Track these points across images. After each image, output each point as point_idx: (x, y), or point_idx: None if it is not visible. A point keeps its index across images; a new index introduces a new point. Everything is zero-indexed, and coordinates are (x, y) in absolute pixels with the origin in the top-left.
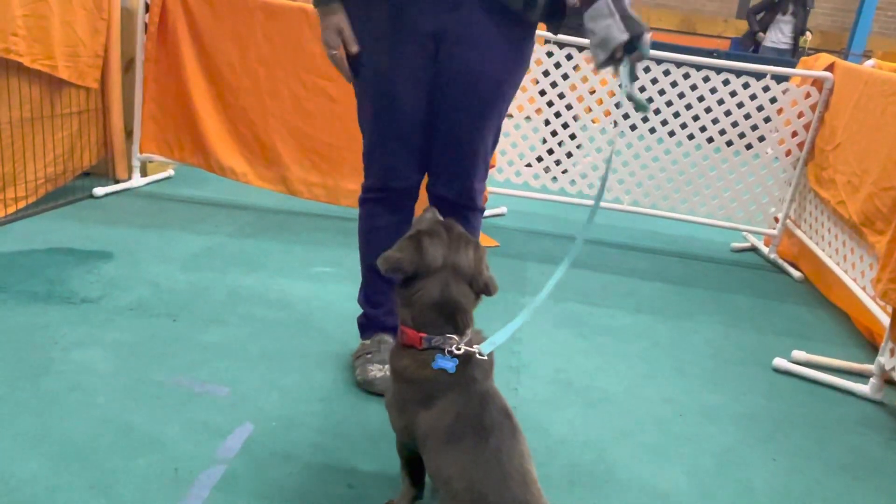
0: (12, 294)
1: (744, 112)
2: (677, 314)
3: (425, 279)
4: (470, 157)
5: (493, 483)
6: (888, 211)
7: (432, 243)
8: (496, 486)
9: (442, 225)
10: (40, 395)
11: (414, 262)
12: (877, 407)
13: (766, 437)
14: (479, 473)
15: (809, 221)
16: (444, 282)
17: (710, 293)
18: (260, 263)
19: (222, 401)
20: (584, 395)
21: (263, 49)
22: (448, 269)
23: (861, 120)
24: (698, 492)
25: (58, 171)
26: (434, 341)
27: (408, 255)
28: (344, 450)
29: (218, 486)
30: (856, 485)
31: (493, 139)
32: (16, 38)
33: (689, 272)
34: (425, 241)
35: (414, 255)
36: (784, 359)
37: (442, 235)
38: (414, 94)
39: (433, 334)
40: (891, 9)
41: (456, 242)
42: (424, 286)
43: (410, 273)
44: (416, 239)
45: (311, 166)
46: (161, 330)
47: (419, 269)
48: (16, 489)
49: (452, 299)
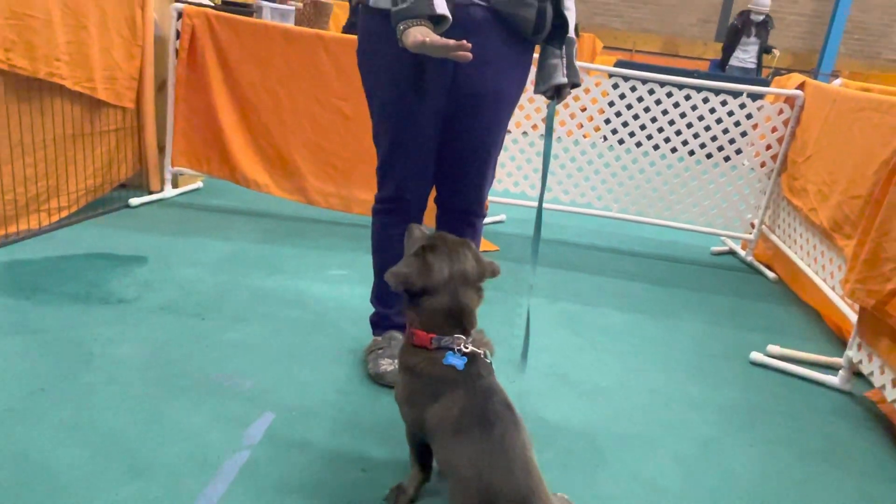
0: (56, 295)
1: (722, 127)
2: (663, 313)
3: (432, 290)
4: (482, 168)
5: (498, 470)
6: (855, 217)
7: (436, 257)
8: (501, 473)
9: (437, 238)
10: (80, 388)
11: (422, 277)
12: (846, 397)
13: (745, 425)
14: (485, 462)
15: (783, 227)
16: (452, 290)
17: (692, 293)
18: (280, 267)
19: (246, 392)
20: (577, 387)
21: (283, 71)
22: (456, 279)
23: (830, 134)
24: (682, 476)
25: (97, 184)
26: (444, 342)
27: (415, 271)
28: (357, 437)
29: (242, 471)
30: (828, 468)
31: (499, 150)
32: (59, 63)
33: (673, 274)
34: (430, 257)
35: (421, 269)
36: (760, 353)
37: (442, 247)
38: (431, 114)
39: (442, 335)
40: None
41: (455, 251)
42: (435, 296)
43: (419, 288)
44: (421, 255)
45: (326, 178)
46: (190, 328)
47: (427, 284)
48: (58, 474)
49: (461, 304)
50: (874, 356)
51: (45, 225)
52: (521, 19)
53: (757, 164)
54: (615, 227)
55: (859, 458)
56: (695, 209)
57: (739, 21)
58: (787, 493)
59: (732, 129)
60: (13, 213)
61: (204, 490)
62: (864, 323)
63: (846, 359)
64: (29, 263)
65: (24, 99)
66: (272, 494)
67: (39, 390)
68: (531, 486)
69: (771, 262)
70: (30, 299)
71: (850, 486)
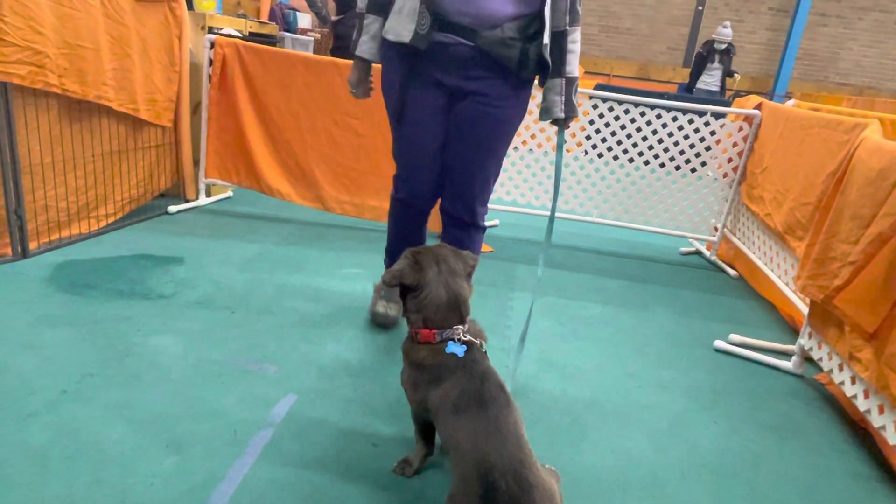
0: (103, 291)
1: (689, 142)
2: (637, 305)
3: (427, 285)
4: (475, 183)
5: (493, 444)
6: (806, 221)
7: (423, 257)
8: (495, 446)
9: (420, 247)
10: (125, 373)
11: (414, 272)
12: (798, 380)
13: (709, 404)
14: (481, 437)
15: (743, 230)
16: (445, 281)
17: (663, 288)
18: (301, 266)
19: (271, 377)
20: (561, 371)
21: (303, 94)
22: (444, 272)
23: (784, 148)
24: (654, 448)
25: (140, 193)
26: (445, 334)
27: (407, 267)
28: (368, 416)
29: (268, 446)
30: (782, 442)
31: (495, 170)
32: (106, 87)
33: (646, 271)
34: (418, 256)
35: (413, 266)
36: (723, 341)
37: (425, 251)
38: (437, 137)
39: (443, 329)
40: (807, 59)
41: (437, 252)
42: (429, 290)
43: (412, 283)
44: (411, 256)
45: (341, 187)
46: (222, 320)
47: (419, 279)
48: (106, 448)
49: (455, 293)
50: (823, 344)
51: (95, 229)
52: (505, 57)
53: (720, 175)
54: (595, 230)
55: (810, 433)
56: (665, 214)
57: (705, 49)
58: (746, 464)
59: (698, 144)
60: (66, 219)
61: (234, 462)
62: (815, 314)
63: (798, 346)
64: (80, 263)
65: (76, 119)
66: (294, 466)
67: (89, 375)
68: (521, 458)
69: (732, 261)
70: (81, 295)
71: (801, 458)
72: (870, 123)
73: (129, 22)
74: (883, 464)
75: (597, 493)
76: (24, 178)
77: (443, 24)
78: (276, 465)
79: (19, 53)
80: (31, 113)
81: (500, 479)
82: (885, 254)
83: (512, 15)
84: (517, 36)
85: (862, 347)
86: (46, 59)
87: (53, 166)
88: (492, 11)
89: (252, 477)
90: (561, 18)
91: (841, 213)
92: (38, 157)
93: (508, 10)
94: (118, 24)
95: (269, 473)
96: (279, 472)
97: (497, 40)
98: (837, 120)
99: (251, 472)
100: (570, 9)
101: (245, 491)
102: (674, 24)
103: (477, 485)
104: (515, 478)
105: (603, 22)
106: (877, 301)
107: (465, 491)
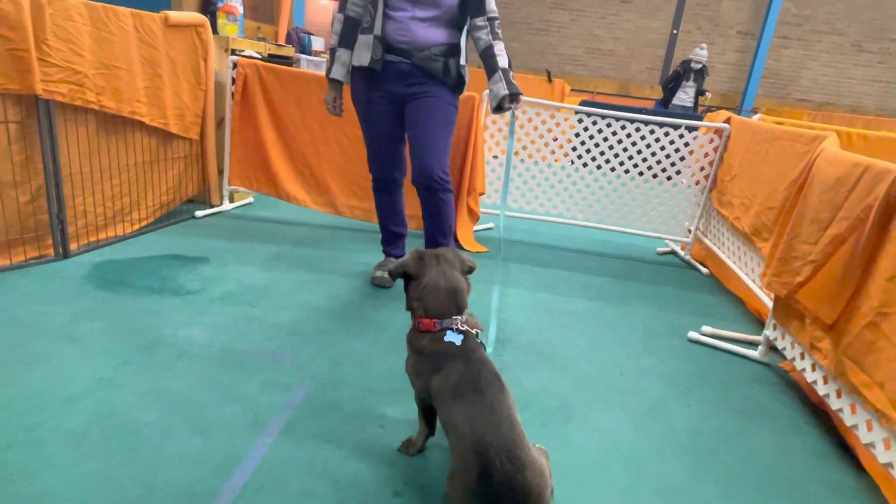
0: (136, 288)
1: (665, 153)
2: (619, 300)
3: (428, 275)
4: (430, 153)
5: (488, 426)
6: (771, 224)
7: (425, 253)
8: (491, 428)
9: (425, 249)
10: (156, 362)
11: (416, 263)
12: (764, 367)
13: (685, 389)
14: (478, 420)
15: (714, 232)
16: (442, 272)
17: (642, 285)
18: (315, 265)
19: (287, 365)
20: (551, 360)
21: (317, 110)
22: (442, 265)
23: (750, 158)
24: (634, 430)
25: (169, 199)
26: (444, 323)
27: (410, 260)
28: (376, 401)
29: (285, 428)
30: (749, 423)
31: (444, 144)
32: (139, 104)
33: (627, 270)
34: (421, 252)
35: (416, 259)
36: (696, 332)
37: (431, 251)
38: (391, 131)
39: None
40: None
41: (441, 251)
42: (429, 279)
43: (414, 273)
44: (415, 253)
45: (351, 194)
46: (243, 314)
47: (420, 270)
48: (139, 430)
49: (453, 284)
50: (786, 334)
51: (129, 232)
52: (432, 69)
53: (693, 182)
54: (581, 232)
55: (775, 415)
56: (644, 218)
57: (681, 68)
58: (717, 443)
59: (673, 154)
60: (103, 222)
61: (255, 443)
62: (779, 308)
63: (764, 337)
64: (116, 263)
65: (112, 132)
66: (309, 445)
67: (124, 363)
68: (515, 439)
69: (704, 259)
70: (117, 291)
71: (767, 437)
72: (828, 136)
73: (159, 45)
74: (840, 442)
75: (583, 471)
76: (65, 185)
77: (390, 49)
78: (293, 445)
79: (61, 73)
80: (72, 127)
81: (496, 458)
82: (842, 253)
83: (435, 42)
84: (440, 54)
85: (821, 338)
86: (85, 79)
87: (91, 175)
88: (421, 39)
89: (271, 456)
90: (486, 38)
91: (802, 217)
92: (78, 166)
93: (432, 38)
94: (150, 47)
95: (286, 452)
96: (296, 451)
97: (426, 57)
98: (799, 133)
99: (270, 452)
100: (491, 32)
101: (265, 468)
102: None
103: (475, 463)
104: (509, 457)
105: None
106: (834, 296)
107: (464, 468)
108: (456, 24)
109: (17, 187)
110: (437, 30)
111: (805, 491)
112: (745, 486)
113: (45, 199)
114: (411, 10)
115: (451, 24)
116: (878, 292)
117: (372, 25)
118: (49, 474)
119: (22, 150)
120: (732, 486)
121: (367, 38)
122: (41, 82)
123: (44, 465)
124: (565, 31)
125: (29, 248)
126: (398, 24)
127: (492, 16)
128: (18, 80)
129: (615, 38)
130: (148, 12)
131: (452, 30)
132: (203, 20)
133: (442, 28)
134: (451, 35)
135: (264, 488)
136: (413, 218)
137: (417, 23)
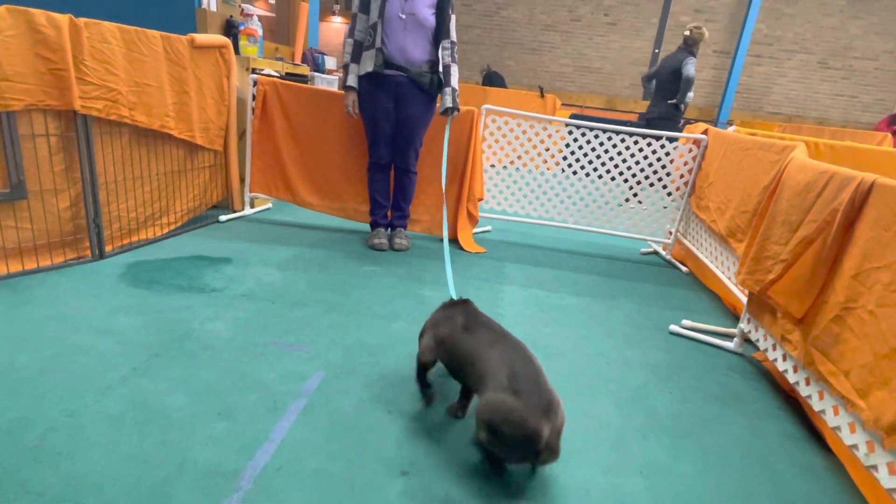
0: (166, 286)
1: (648, 162)
2: (605, 296)
3: None
4: (410, 146)
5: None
6: (745, 226)
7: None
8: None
9: None
10: (184, 353)
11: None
12: (739, 357)
13: (665, 377)
14: (496, 340)
15: (692, 234)
16: None
17: (627, 282)
18: (327, 265)
19: (304, 356)
20: (543, 351)
21: (330, 123)
22: None
23: (726, 167)
24: (620, 415)
25: (196, 205)
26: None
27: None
28: (385, 388)
29: (302, 413)
30: (725, 408)
31: (419, 140)
32: (168, 118)
33: (613, 268)
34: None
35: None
36: (677, 325)
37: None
38: (386, 125)
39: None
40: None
41: None
42: None
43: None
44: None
45: (362, 200)
46: (264, 310)
47: None
48: (169, 415)
49: None
50: (759, 327)
51: (159, 235)
52: (424, 82)
53: (674, 188)
54: (571, 234)
55: (749, 401)
56: (628, 221)
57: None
58: (696, 426)
59: (655, 163)
60: (136, 226)
61: (275, 426)
62: (752, 303)
63: (739, 329)
64: (147, 263)
65: (143, 144)
66: (324, 429)
67: (155, 355)
68: (537, 367)
69: (684, 259)
70: (148, 289)
71: (742, 422)
72: (797, 146)
73: (186, 64)
74: (809, 426)
75: (572, 451)
76: (101, 192)
77: (388, 64)
78: (309, 429)
79: (97, 91)
80: (107, 139)
81: (518, 365)
82: (810, 253)
83: (424, 60)
84: (428, 70)
85: (792, 331)
86: (119, 96)
87: (125, 183)
88: (415, 58)
89: (289, 438)
90: (447, 59)
91: (774, 220)
92: (113, 175)
93: (424, 57)
94: (178, 67)
95: (303, 435)
96: (311, 434)
97: (418, 73)
98: (770, 143)
99: (288, 434)
100: (451, 55)
101: (284, 449)
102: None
103: (504, 368)
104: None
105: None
106: (803, 292)
107: (494, 376)
108: (436, 41)
109: (58, 194)
110: (423, 47)
111: (777, 470)
112: (721, 465)
113: (82, 205)
114: (402, 34)
115: (433, 41)
116: (843, 289)
117: (373, 44)
118: (88, 455)
119: (62, 160)
120: (709, 465)
121: (370, 52)
122: (79, 99)
123: (83, 447)
124: (556, 51)
125: (68, 250)
126: (394, 45)
127: (453, 40)
128: (59, 97)
129: (602, 57)
130: (176, 35)
131: (434, 46)
132: (226, 42)
133: (428, 45)
134: (433, 52)
135: (283, 468)
136: (414, 222)
137: (409, 43)
